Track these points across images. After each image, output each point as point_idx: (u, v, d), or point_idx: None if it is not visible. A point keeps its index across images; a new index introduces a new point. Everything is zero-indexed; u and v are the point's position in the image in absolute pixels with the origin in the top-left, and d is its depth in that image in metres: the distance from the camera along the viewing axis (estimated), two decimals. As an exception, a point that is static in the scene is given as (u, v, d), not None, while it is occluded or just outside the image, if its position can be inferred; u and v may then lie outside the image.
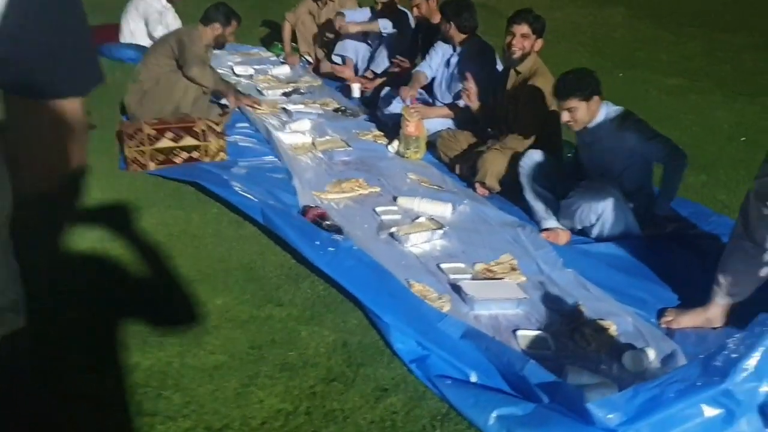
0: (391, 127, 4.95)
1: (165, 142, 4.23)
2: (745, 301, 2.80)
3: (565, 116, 3.51)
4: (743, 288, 2.80)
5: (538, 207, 3.70)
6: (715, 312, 2.87)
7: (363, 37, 6.35)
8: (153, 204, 3.72)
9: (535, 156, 3.76)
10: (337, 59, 6.57)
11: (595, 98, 3.47)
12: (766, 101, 6.32)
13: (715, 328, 2.84)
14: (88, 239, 3.21)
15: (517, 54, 4.11)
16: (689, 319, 2.88)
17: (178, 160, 4.27)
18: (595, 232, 3.51)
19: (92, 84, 1.29)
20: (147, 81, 4.71)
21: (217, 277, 3.04)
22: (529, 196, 3.76)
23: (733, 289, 2.82)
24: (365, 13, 6.34)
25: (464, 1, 4.81)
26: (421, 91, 5.09)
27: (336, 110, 5.61)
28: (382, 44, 6.14)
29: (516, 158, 3.88)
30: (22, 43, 1.14)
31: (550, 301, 2.97)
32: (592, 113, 3.49)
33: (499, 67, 4.68)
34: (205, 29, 4.84)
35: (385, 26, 6.02)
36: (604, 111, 3.52)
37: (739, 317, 2.73)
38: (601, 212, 3.43)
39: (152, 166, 4.21)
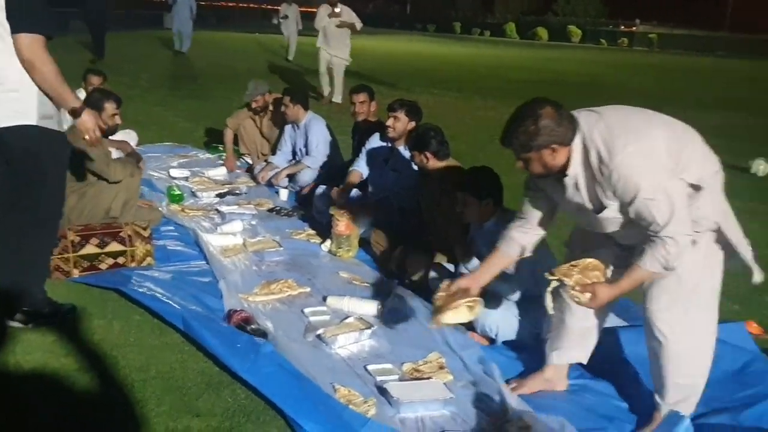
0: (325, 226, 4.97)
1: (90, 249, 4.14)
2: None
3: (458, 205, 3.61)
4: (564, 342, 2.97)
5: None
6: (551, 373, 3.05)
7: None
8: (74, 313, 3.59)
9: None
10: None
11: (489, 202, 3.54)
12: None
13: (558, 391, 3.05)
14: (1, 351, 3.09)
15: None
16: (531, 384, 3.05)
17: (103, 266, 4.17)
18: (500, 339, 3.49)
19: (38, 31, 2.92)
20: (77, 191, 4.60)
21: (134, 388, 2.92)
22: None
23: (555, 343, 3.00)
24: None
25: (418, 103, 4.97)
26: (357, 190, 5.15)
27: (270, 210, 5.62)
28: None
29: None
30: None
31: (477, 400, 2.94)
32: (483, 215, 3.56)
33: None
34: None
35: (313, 162, 6.08)
36: (499, 218, 3.55)
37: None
38: (497, 325, 3.43)
39: (76, 273, 4.09)
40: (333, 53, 11.58)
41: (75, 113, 3.15)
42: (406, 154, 4.81)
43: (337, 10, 11.47)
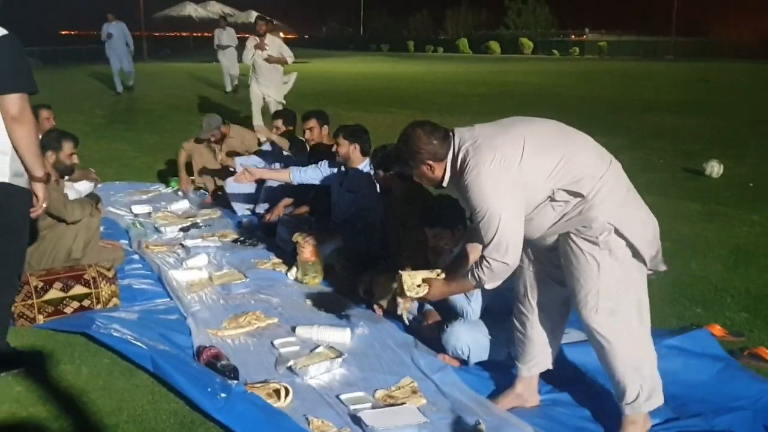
0: (290, 254, 4.98)
1: (54, 293, 4.08)
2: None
3: (431, 240, 3.61)
4: (530, 356, 3.06)
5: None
6: (522, 387, 3.10)
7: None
8: (40, 360, 3.55)
9: None
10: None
11: (460, 227, 3.53)
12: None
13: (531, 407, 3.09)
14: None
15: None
16: (504, 402, 3.10)
17: (68, 310, 4.11)
18: (472, 361, 3.50)
19: (26, 90, 3.00)
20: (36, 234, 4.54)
21: (106, 434, 2.90)
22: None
23: (522, 358, 3.08)
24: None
25: (361, 126, 5.01)
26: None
27: (235, 241, 5.61)
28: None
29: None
30: None
31: (451, 422, 2.96)
32: (457, 239, 3.57)
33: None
34: None
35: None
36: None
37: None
38: (468, 346, 3.45)
39: (41, 319, 4.03)
40: (265, 91, 9.95)
41: (36, 179, 3.21)
42: (363, 172, 4.85)
43: (265, 41, 9.70)
